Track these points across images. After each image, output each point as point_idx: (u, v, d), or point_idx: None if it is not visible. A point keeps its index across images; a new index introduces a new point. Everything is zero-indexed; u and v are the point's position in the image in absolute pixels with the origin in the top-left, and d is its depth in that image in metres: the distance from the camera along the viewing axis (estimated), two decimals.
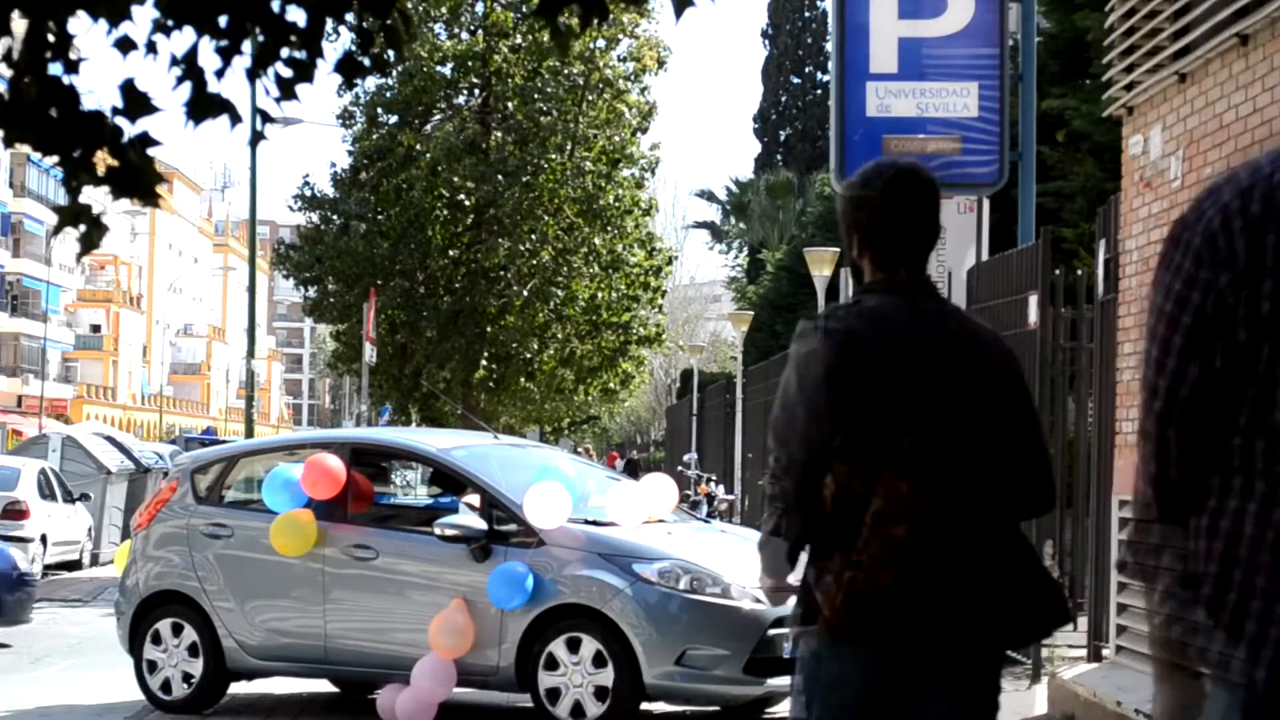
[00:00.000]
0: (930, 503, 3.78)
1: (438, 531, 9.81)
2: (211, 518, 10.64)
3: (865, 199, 4.08)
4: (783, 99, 65.55)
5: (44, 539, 21.64)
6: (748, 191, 63.96)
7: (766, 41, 66.37)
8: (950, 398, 3.85)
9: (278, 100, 3.73)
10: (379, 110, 33.61)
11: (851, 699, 3.90)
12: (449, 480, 10.71)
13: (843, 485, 3.81)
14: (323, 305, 34.80)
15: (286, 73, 3.70)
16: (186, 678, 10.48)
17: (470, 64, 32.85)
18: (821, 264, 24.09)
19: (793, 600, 3.98)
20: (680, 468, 30.86)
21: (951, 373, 3.88)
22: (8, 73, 3.62)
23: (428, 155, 32.31)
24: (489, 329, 33.12)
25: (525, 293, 32.95)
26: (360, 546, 10.07)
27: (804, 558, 3.92)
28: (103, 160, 3.61)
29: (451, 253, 32.90)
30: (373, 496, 10.80)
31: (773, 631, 9.40)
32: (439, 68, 33.00)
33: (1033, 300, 11.03)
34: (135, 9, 3.58)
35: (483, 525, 9.77)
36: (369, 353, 29.27)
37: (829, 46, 18.71)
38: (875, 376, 3.82)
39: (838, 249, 25.57)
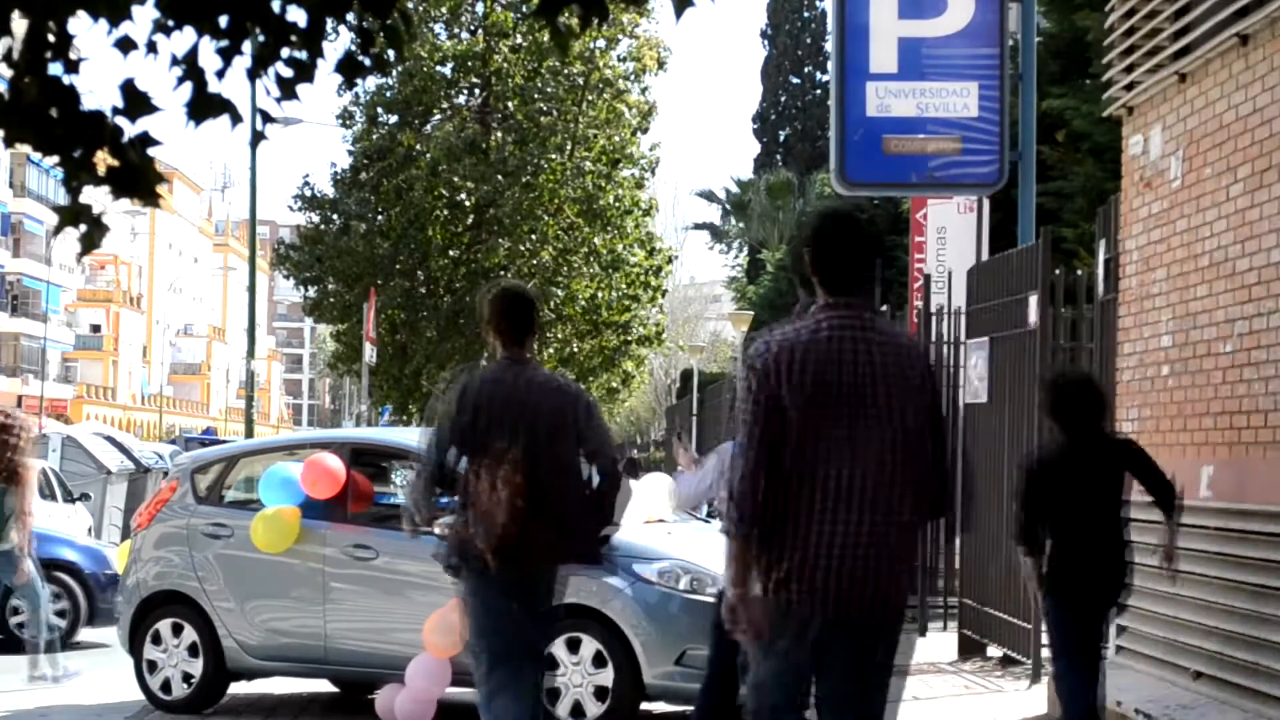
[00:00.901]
0: (528, 484, 6.81)
1: (438, 531, 9.80)
2: (211, 518, 10.63)
3: (493, 308, 7.07)
4: (782, 99, 65.53)
5: None
6: (748, 191, 63.95)
7: (766, 42, 66.35)
8: (529, 425, 6.89)
9: (278, 100, 3.73)
10: (379, 110, 33.62)
11: (498, 602, 6.95)
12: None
13: (476, 476, 6.89)
14: (323, 305, 34.82)
15: (287, 73, 3.70)
16: (186, 678, 10.47)
17: (470, 64, 32.86)
18: None
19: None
20: (680, 468, 30.81)
21: (529, 412, 6.91)
22: (8, 73, 3.62)
23: (428, 155, 32.33)
24: None
25: None
26: (360, 546, 10.07)
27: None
28: (103, 160, 3.61)
29: (452, 253, 32.92)
30: (373, 496, 10.79)
31: None
32: (439, 68, 33.02)
33: (1033, 300, 11.02)
34: (135, 9, 3.58)
35: None
36: (369, 353, 29.28)
37: (829, 46, 18.74)
38: (480, 413, 6.87)
39: None
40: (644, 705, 9.57)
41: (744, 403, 4.99)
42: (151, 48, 3.58)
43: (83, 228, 3.59)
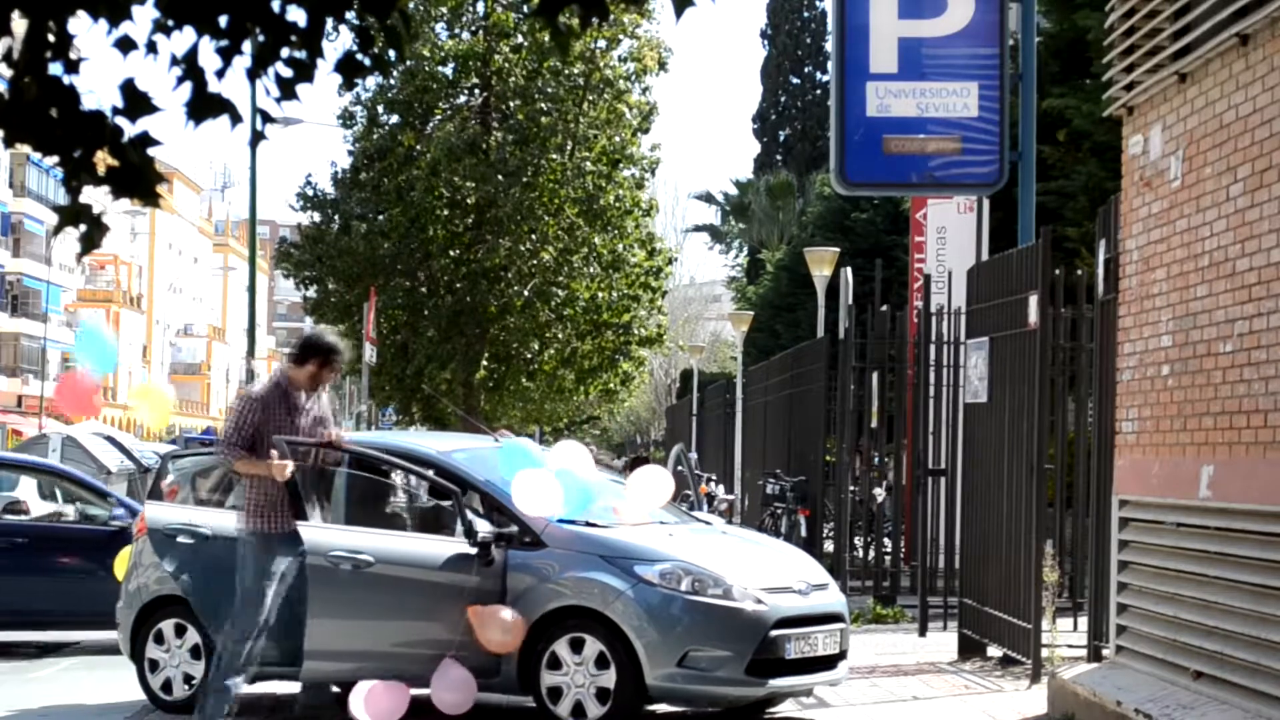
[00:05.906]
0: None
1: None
2: (211, 521, 10.60)
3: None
4: (782, 99, 65.54)
5: None
6: (747, 192, 63.96)
7: (766, 42, 66.35)
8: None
9: (278, 100, 3.73)
10: (380, 110, 33.61)
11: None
12: (449, 482, 10.68)
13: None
14: (323, 305, 34.81)
15: (287, 73, 3.70)
16: (188, 679, 10.46)
17: (471, 64, 32.85)
18: (821, 264, 24.05)
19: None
20: (680, 468, 30.81)
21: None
22: (8, 73, 3.62)
23: (428, 155, 32.31)
24: (490, 329, 33.11)
25: (526, 293, 32.94)
26: (356, 551, 10.03)
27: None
28: (103, 160, 3.61)
29: (452, 252, 32.90)
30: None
31: (775, 633, 9.39)
32: (440, 68, 33.00)
33: (1033, 300, 11.02)
34: (135, 9, 3.58)
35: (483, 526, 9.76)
36: (369, 353, 29.28)
37: (829, 46, 18.73)
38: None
39: (838, 249, 25.55)
40: (646, 706, 9.57)
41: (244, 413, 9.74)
42: (151, 48, 3.58)
43: (83, 228, 3.60)
